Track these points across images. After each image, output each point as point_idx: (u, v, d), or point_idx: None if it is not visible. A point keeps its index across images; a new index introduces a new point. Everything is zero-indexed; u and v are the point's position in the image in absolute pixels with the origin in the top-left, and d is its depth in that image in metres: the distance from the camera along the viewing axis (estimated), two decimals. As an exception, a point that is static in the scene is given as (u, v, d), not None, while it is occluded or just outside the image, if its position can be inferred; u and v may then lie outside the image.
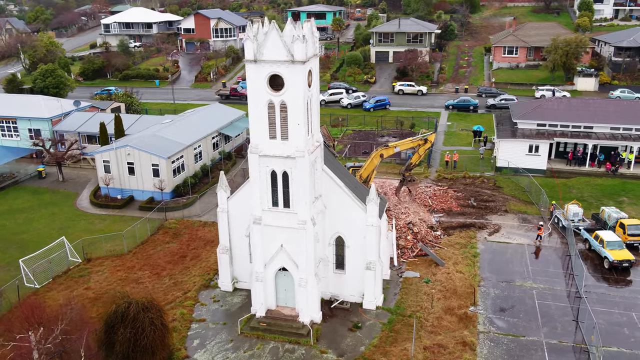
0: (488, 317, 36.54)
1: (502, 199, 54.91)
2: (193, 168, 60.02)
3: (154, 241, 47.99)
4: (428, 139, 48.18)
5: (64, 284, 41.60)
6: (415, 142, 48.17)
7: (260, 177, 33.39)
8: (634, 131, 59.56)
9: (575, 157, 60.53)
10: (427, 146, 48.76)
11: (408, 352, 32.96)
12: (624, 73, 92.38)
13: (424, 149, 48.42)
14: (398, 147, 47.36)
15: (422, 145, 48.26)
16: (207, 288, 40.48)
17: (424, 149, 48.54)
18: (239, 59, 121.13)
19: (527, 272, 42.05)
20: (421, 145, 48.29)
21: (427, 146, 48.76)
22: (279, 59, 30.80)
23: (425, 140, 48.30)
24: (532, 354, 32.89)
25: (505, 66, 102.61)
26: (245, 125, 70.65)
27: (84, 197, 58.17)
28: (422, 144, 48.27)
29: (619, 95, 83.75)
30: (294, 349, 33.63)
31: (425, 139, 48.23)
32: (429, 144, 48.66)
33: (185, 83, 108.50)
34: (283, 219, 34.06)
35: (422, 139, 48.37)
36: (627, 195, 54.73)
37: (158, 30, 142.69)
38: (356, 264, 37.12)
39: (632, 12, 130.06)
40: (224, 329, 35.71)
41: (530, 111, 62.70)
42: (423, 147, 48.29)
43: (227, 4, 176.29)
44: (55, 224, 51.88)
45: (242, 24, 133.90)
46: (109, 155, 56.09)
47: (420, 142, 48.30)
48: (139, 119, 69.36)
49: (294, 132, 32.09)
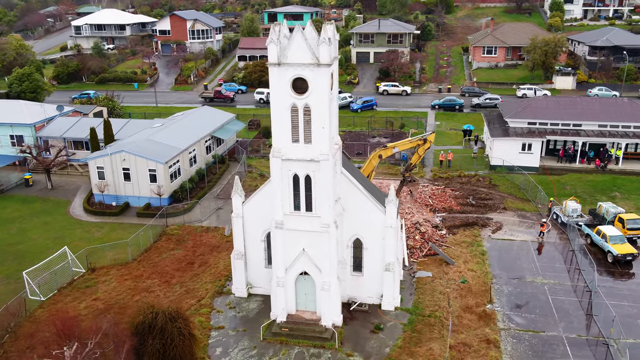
0: (506, 314, 37.10)
1: (499, 197, 55.87)
2: (189, 172, 59.03)
3: (157, 248, 46.97)
4: (428, 139, 48.27)
5: (70, 295, 40.29)
6: (415, 143, 48.30)
7: (282, 181, 33.06)
8: (620, 128, 61.49)
9: (566, 154, 62.06)
10: (426, 146, 48.85)
11: (434, 352, 33.19)
12: (600, 71, 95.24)
13: (423, 149, 48.54)
14: (397, 148, 47.46)
15: (422, 145, 48.39)
16: (221, 294, 39.84)
17: (424, 149, 48.64)
18: (217, 61, 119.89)
19: (535, 268, 42.88)
20: (420, 145, 48.42)
21: (426, 146, 48.85)
22: (303, 61, 30.56)
23: (424, 140, 48.43)
24: (554, 349, 33.55)
25: (485, 66, 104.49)
26: (236, 128, 70.01)
27: (76, 205, 56.49)
28: (422, 144, 48.40)
29: (597, 94, 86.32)
30: (319, 353, 33.42)
31: (425, 138, 48.36)
32: (429, 144, 48.76)
33: (165, 86, 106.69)
34: (305, 223, 33.81)
35: (422, 139, 48.49)
36: (619, 191, 56.43)
37: (131, 32, 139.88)
38: (374, 265, 37.17)
39: (600, 12, 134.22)
40: (245, 336, 35.22)
41: (521, 110, 64.01)
42: (423, 147, 48.41)
43: (199, 5, 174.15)
44: (51, 234, 50.22)
45: (219, 25, 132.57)
46: (103, 161, 54.62)
47: (419, 142, 48.42)
48: (127, 124, 67.77)
49: (317, 135, 31.89)
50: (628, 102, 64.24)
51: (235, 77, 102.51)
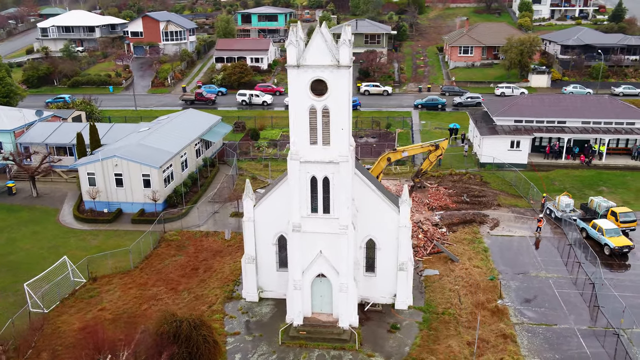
0: (516, 308, 37.82)
1: (492, 194, 56.91)
2: (181, 177, 58.04)
3: (158, 255, 45.99)
4: (440, 145, 46.70)
5: (74, 306, 39.04)
6: (425, 148, 47.12)
7: (300, 184, 32.86)
8: (602, 124, 63.52)
9: (552, 151, 63.71)
10: (438, 152, 47.20)
11: (453, 349, 33.57)
12: (573, 70, 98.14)
13: (435, 155, 46.97)
14: (406, 152, 46.88)
15: (433, 151, 47.02)
16: (231, 300, 39.31)
17: (435, 155, 47.03)
18: (193, 63, 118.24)
19: (537, 262, 43.87)
20: (432, 151, 47.09)
21: (438, 152, 47.20)
22: (323, 63, 30.46)
23: (436, 147, 47.15)
24: (569, 341, 34.41)
25: (462, 65, 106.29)
26: (224, 131, 69.20)
27: (66, 213, 54.79)
28: (433, 150, 47.04)
29: (572, 91, 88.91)
30: (340, 355, 33.37)
31: (437, 145, 47.10)
32: (441, 150, 47.19)
33: (141, 88, 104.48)
34: (323, 225, 33.70)
35: (433, 145, 47.26)
36: (605, 185, 58.28)
37: (101, 34, 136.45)
38: (387, 265, 37.32)
39: (566, 12, 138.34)
40: (262, 341, 34.85)
41: (507, 108, 65.39)
42: (434, 153, 46.90)
43: (169, 6, 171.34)
44: (43, 243, 48.57)
45: (192, 27, 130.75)
46: (94, 167, 53.14)
47: (430, 148, 47.11)
48: (111, 128, 66.22)
49: (336, 137, 31.83)
50: (609, 99, 66.45)
51: (214, 79, 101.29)
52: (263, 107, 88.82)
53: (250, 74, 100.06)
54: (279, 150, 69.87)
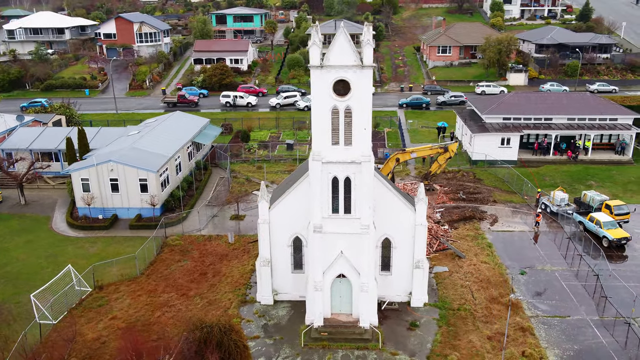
0: (529, 302, 38.64)
1: (487, 191, 57.92)
2: (176, 180, 57.07)
3: (163, 260, 45.10)
4: (449, 148, 46.57)
5: (83, 316, 37.93)
6: (435, 150, 46.90)
7: (322, 185, 32.77)
8: (587, 121, 65.47)
9: (540, 147, 65.31)
10: (446, 155, 46.95)
11: (475, 344, 34.07)
12: (548, 68, 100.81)
13: (443, 157, 46.68)
14: (415, 153, 46.78)
15: (442, 154, 46.72)
16: (245, 303, 38.89)
17: (444, 157, 46.78)
18: (170, 65, 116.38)
19: (541, 256, 44.90)
20: (441, 153, 46.79)
21: (446, 155, 46.95)
22: (346, 63, 30.49)
23: (445, 149, 46.84)
24: (583, 332, 35.35)
25: (441, 64, 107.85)
26: (214, 133, 68.34)
27: (58, 220, 53.17)
28: (442, 152, 46.73)
29: (549, 89, 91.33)
30: (365, 355, 33.43)
31: (446, 147, 46.85)
32: (450, 153, 46.87)
33: (118, 91, 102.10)
34: (344, 225, 33.71)
35: (442, 147, 46.98)
36: (593, 179, 60.09)
37: (71, 35, 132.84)
38: (403, 264, 37.58)
39: (536, 12, 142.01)
40: (284, 344, 34.59)
41: (496, 106, 66.69)
42: (443, 155, 46.66)
43: (138, 7, 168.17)
44: (40, 252, 46.99)
45: (166, 28, 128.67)
46: (88, 172, 51.71)
47: (439, 151, 46.83)
48: (98, 132, 64.58)
49: (358, 136, 31.90)
50: (591, 96, 68.56)
51: (194, 81, 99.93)
52: (248, 109, 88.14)
53: (231, 75, 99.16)
54: (270, 152, 69.49)
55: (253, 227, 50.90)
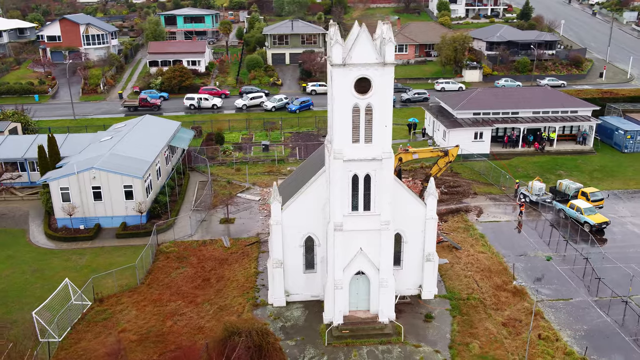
0: (531, 287, 40.34)
1: (466, 184, 59.85)
2: (158, 186, 55.36)
3: (160, 269, 43.67)
4: (449, 152, 46.36)
5: (89, 331, 36.19)
6: (435, 153, 46.64)
7: (343, 183, 32.88)
8: (550, 113, 68.89)
9: (510, 140, 68.11)
10: (446, 159, 46.76)
11: (492, 331, 35.32)
12: (500, 65, 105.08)
13: (443, 161, 46.01)
14: (417, 154, 46.94)
15: (442, 157, 46.44)
16: (257, 307, 38.38)
17: (444, 161, 46.28)
18: (122, 68, 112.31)
19: (531, 244, 46.96)
20: (441, 156, 46.57)
21: (446, 159, 46.76)
22: (368, 61, 30.74)
23: (445, 153, 47.29)
24: (588, 312, 37.35)
25: (398, 63, 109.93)
26: (188, 136, 66.71)
27: (36, 233, 50.34)
28: (442, 156, 46.55)
29: (504, 84, 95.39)
30: (389, 349, 33.86)
31: (446, 150, 46.84)
32: (450, 157, 46.46)
33: (71, 96, 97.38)
34: (363, 222, 34.00)
35: (442, 150, 46.95)
36: (562, 169, 63.37)
37: (9, 38, 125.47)
38: (413, 257, 38.30)
39: (480, 11, 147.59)
40: (306, 344, 34.45)
41: (466, 102, 68.93)
42: (443, 159, 46.34)
43: (78, 8, 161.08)
44: (24, 268, 44.34)
45: (113, 30, 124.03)
46: (68, 181, 49.24)
47: (439, 153, 46.70)
48: (66, 139, 61.69)
49: (379, 134, 32.26)
50: (552, 91, 72.21)
51: (152, 84, 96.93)
52: (213, 111, 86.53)
53: (190, 77, 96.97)
54: (246, 154, 68.65)
55: (244, 230, 50.34)
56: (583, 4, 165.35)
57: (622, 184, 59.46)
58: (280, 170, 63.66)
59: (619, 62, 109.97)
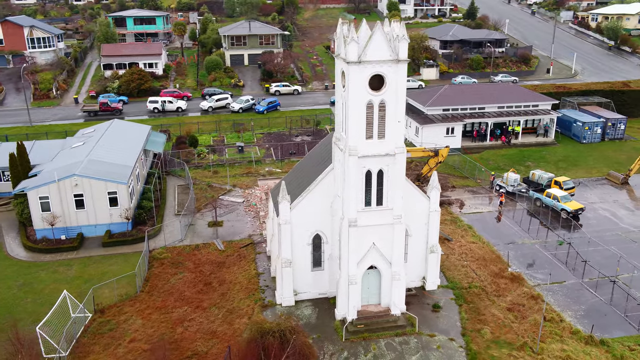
0: (526, 273, 42.21)
1: (443, 178, 61.35)
2: (138, 191, 53.76)
3: (157, 275, 42.50)
4: (440, 152, 47.47)
5: (95, 343, 34.81)
6: (426, 153, 47.86)
7: (357, 179, 33.29)
8: (514, 108, 72.06)
9: (479, 134, 70.68)
10: (437, 159, 47.83)
11: (498, 316, 36.77)
12: (455, 62, 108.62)
13: (434, 161, 47.34)
14: (409, 153, 48.17)
15: (433, 157, 47.45)
16: (266, 307, 38.16)
17: (435, 161, 47.50)
18: (73, 71, 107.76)
19: (516, 232, 49.07)
20: (431, 157, 47.56)
21: (437, 159, 47.83)
22: (383, 58, 31.28)
23: (436, 153, 47.74)
24: (582, 293, 39.53)
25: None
26: (161, 140, 65.08)
27: (13, 245, 47.76)
28: (432, 156, 47.56)
29: (461, 81, 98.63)
30: (406, 341, 34.57)
31: (436, 151, 47.83)
32: (440, 157, 47.40)
33: (22, 102, 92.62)
34: (376, 217, 34.52)
35: (432, 151, 47.91)
36: (529, 160, 66.44)
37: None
38: (417, 250, 39.23)
39: (428, 11, 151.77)
40: (324, 341, 34.62)
41: (436, 99, 70.98)
42: (433, 159, 47.46)
43: (15, 10, 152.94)
44: (9, 283, 41.97)
45: (59, 32, 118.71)
46: (48, 189, 47.01)
47: (430, 154, 47.77)
48: (33, 146, 58.84)
49: (392, 129, 32.88)
50: (514, 86, 75.54)
51: (109, 87, 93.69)
52: (178, 114, 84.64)
53: (149, 80, 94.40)
54: (221, 156, 67.75)
55: (234, 232, 49.79)
56: (522, 4, 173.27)
57: (585, 173, 63.04)
58: (259, 171, 63.29)
59: (562, 59, 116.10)
